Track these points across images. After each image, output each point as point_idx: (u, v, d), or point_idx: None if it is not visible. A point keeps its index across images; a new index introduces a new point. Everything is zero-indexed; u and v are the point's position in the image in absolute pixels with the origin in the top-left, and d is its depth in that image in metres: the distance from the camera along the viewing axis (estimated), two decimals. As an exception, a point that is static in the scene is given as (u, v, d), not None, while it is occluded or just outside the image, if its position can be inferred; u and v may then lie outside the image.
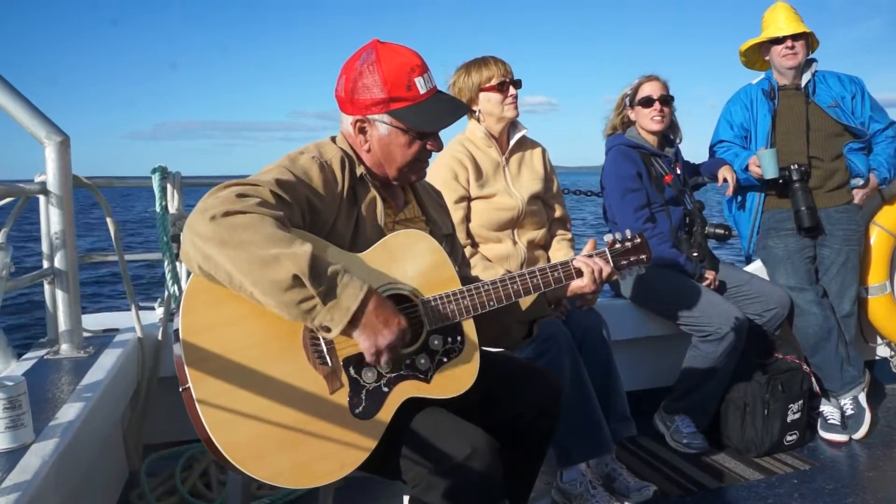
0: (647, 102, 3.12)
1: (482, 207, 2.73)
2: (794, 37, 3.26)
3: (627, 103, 3.22)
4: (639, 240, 1.89)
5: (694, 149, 3.39)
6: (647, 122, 3.14)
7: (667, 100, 3.13)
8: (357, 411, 1.50)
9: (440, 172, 2.68)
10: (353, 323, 1.43)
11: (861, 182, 3.33)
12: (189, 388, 1.39)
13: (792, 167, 3.24)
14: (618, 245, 1.87)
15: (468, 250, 2.67)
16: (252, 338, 1.45)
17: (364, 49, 1.69)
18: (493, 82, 2.69)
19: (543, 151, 2.95)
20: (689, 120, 3.31)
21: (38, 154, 2.31)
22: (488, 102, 2.72)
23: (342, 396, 1.49)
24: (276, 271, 1.36)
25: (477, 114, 2.76)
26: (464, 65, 2.77)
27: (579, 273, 1.80)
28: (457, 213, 2.64)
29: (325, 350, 1.50)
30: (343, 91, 1.70)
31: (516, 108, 2.73)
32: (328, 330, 1.42)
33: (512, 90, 2.70)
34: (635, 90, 3.18)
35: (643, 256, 1.88)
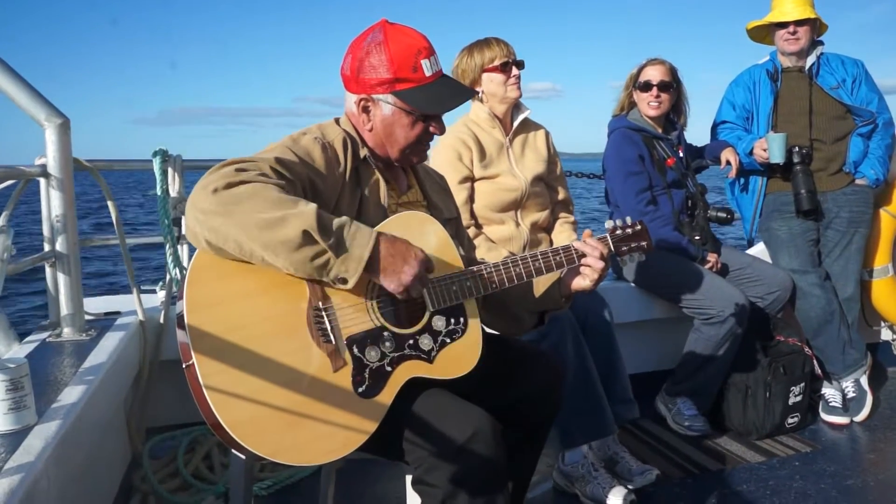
0: (646, 87, 3.12)
1: (486, 188, 2.72)
2: (798, 22, 3.24)
3: (632, 84, 3.21)
4: (639, 227, 1.88)
5: (695, 132, 3.39)
6: (644, 106, 3.15)
7: (666, 86, 3.10)
8: (360, 390, 1.50)
9: (444, 153, 2.67)
10: (371, 269, 1.44)
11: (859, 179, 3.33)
12: (193, 364, 1.38)
13: (794, 150, 3.23)
14: (618, 231, 1.86)
15: (472, 231, 2.66)
16: (255, 314, 1.45)
17: (372, 29, 1.68)
18: (496, 63, 2.68)
19: (547, 133, 2.94)
20: (691, 103, 3.31)
21: (39, 137, 2.30)
22: (491, 83, 2.71)
23: (345, 375, 1.49)
24: (285, 231, 1.37)
25: (480, 95, 2.75)
26: (466, 47, 2.76)
27: (581, 255, 1.78)
28: (461, 195, 2.63)
29: (328, 328, 1.50)
30: (349, 69, 1.69)
31: (519, 88, 2.72)
32: (345, 282, 1.43)
33: (515, 70, 2.70)
34: (638, 72, 3.16)
35: (644, 243, 1.87)
